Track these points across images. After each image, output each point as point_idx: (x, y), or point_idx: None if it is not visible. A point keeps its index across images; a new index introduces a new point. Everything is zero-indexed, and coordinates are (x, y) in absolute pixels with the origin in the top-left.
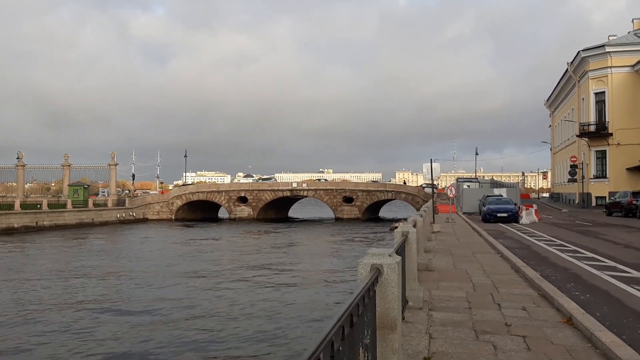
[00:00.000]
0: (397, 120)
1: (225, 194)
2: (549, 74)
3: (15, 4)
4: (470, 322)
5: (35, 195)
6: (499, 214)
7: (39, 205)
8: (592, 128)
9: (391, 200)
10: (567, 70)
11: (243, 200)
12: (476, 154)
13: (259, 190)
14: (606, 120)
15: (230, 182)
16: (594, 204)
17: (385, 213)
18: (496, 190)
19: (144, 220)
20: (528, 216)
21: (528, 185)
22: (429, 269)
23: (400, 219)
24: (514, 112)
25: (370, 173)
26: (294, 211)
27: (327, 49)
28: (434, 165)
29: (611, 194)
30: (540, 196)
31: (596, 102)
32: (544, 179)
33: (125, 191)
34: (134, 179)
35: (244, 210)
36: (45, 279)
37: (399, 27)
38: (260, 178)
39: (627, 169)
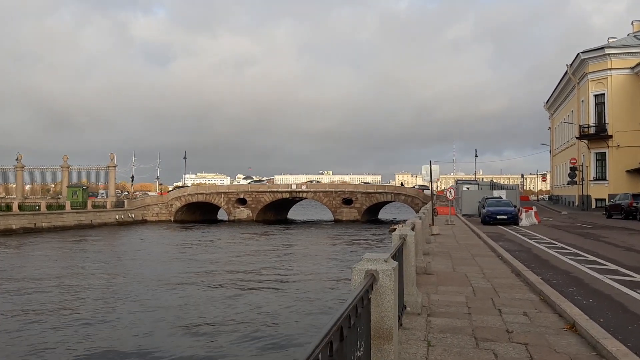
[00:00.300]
0: (397, 122)
1: (224, 196)
2: (548, 76)
3: (16, 5)
4: (470, 329)
5: (35, 196)
6: (498, 216)
7: (37, 207)
8: (592, 130)
9: (390, 202)
10: (567, 72)
11: (242, 202)
12: (475, 156)
13: (258, 192)
14: (606, 122)
15: (230, 184)
16: (593, 206)
17: (385, 215)
18: (495, 192)
19: (143, 222)
20: (528, 218)
21: (527, 188)
22: (428, 272)
23: (400, 221)
24: (513, 115)
25: (370, 175)
26: (293, 213)
27: (328, 51)
28: (434, 167)
29: (611, 196)
30: (539, 198)
31: (596, 104)
32: (544, 181)
33: (125, 193)
34: (133, 181)
35: (243, 212)
36: (39, 282)
37: (400, 30)
38: (253, 180)
39: (627, 171)
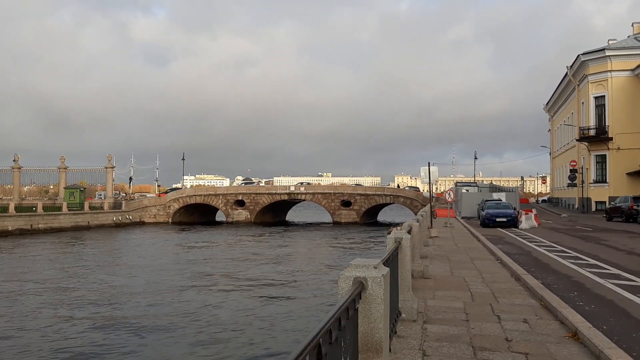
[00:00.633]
0: (397, 123)
1: (223, 198)
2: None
3: (16, 5)
4: (468, 337)
5: (33, 197)
6: (498, 219)
7: (34, 208)
8: (592, 132)
9: (389, 204)
10: (567, 74)
11: (240, 203)
12: (475, 158)
13: (256, 194)
14: (606, 124)
15: (229, 186)
16: (593, 208)
17: (384, 217)
18: (495, 195)
19: (141, 224)
20: (527, 221)
21: (527, 190)
22: (425, 276)
23: (399, 223)
24: (513, 116)
25: (369, 177)
26: (291, 215)
27: (328, 52)
28: (432, 168)
29: (611, 198)
30: (538, 200)
31: (596, 106)
32: (543, 183)
33: (122, 194)
34: (131, 182)
35: (241, 214)
36: (31, 286)
37: (400, 31)
38: (243, 182)
39: (627, 173)
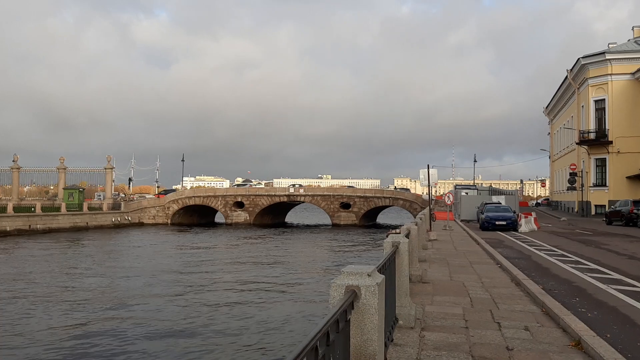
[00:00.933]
0: (397, 126)
1: (222, 199)
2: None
3: (17, 6)
4: (467, 345)
5: (32, 198)
6: (497, 222)
7: (32, 209)
8: (592, 136)
9: (389, 206)
10: (567, 77)
11: (239, 205)
12: (475, 161)
13: (255, 196)
14: (606, 128)
15: (229, 187)
16: (593, 212)
17: (383, 219)
18: (495, 198)
19: (140, 225)
20: (527, 224)
21: (527, 193)
22: (424, 280)
23: (399, 226)
24: (513, 120)
25: (369, 179)
26: (290, 217)
27: (329, 55)
28: (431, 171)
29: (611, 202)
30: (536, 203)
31: (596, 110)
32: (543, 186)
33: (121, 195)
34: (130, 183)
35: (240, 216)
36: (27, 287)
37: (401, 35)
38: (237, 184)
39: (627, 177)
